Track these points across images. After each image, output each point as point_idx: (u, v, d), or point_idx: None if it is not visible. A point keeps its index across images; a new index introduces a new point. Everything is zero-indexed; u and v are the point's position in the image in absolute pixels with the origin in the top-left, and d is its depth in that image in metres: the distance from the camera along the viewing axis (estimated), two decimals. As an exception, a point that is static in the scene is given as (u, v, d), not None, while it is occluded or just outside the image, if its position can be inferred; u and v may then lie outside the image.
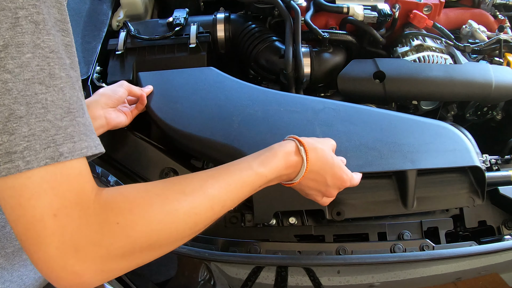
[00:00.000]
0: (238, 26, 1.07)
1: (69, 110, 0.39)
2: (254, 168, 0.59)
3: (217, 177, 0.55)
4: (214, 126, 0.82)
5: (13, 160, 0.36)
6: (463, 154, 0.80)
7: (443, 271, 0.77)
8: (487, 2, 1.21)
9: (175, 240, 0.49)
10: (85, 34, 1.03)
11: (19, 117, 0.36)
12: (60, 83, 0.39)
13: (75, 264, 0.39)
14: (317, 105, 0.85)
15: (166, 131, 0.83)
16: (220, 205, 0.54)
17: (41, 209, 0.38)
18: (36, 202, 0.38)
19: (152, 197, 0.47)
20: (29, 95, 0.37)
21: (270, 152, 0.62)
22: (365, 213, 0.79)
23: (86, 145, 0.41)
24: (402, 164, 0.77)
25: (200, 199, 0.51)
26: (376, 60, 0.97)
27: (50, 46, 0.38)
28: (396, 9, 1.05)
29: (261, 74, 1.07)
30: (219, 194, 0.54)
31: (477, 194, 0.82)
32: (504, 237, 0.81)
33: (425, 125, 0.84)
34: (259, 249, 0.76)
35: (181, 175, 0.52)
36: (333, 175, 0.68)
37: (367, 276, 0.76)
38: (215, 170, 0.57)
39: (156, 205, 0.47)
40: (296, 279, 0.76)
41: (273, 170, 0.61)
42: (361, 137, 0.79)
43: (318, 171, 0.67)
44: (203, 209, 0.51)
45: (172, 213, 0.48)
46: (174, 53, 0.99)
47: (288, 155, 0.63)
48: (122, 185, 0.75)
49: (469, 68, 0.97)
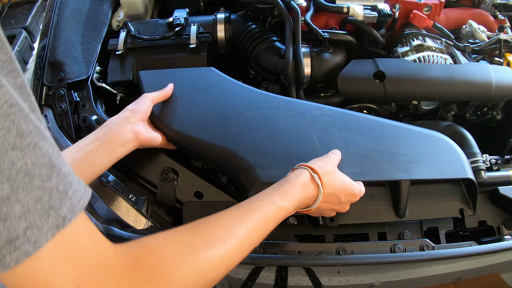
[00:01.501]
0: (238, 26, 1.07)
1: (51, 165, 0.34)
2: (276, 203, 0.60)
3: (243, 216, 0.55)
4: (212, 129, 0.82)
5: (18, 247, 0.32)
6: (456, 166, 0.81)
7: (443, 271, 0.77)
8: (487, 2, 1.21)
9: (210, 285, 0.49)
10: (85, 34, 1.03)
11: (6, 198, 0.31)
12: (32, 139, 0.33)
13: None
14: (315, 111, 0.86)
15: (164, 131, 0.84)
16: (249, 245, 0.55)
17: (63, 286, 0.34)
18: (55, 281, 0.34)
19: (181, 248, 0.46)
20: (6, 168, 0.31)
21: (289, 183, 0.64)
22: (358, 219, 0.80)
23: (80, 195, 0.37)
24: (396, 174, 0.78)
25: (230, 243, 0.51)
26: (376, 60, 0.97)
27: (8, 100, 0.31)
28: (396, 9, 1.05)
29: (261, 74, 1.07)
30: (247, 234, 0.54)
31: (469, 205, 0.83)
32: (504, 237, 0.81)
33: (421, 135, 0.85)
34: (259, 249, 0.76)
35: (204, 217, 0.53)
36: (346, 192, 0.71)
37: (367, 276, 0.76)
38: (240, 209, 0.57)
39: (188, 256, 0.45)
40: (296, 279, 0.76)
41: (293, 201, 0.63)
42: (357, 146, 0.81)
43: (333, 193, 0.69)
44: (234, 252, 0.52)
45: (205, 262, 0.47)
46: (174, 53, 0.99)
47: (305, 185, 0.65)
48: (140, 237, 0.74)
49: (469, 68, 0.97)
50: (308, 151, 0.80)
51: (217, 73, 0.92)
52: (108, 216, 0.81)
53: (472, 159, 0.88)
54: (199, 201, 0.82)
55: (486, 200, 0.88)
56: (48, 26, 1.03)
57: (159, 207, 0.85)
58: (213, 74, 0.91)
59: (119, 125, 0.75)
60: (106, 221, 0.80)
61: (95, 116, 0.91)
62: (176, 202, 0.83)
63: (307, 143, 0.81)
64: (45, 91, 0.97)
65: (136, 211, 0.81)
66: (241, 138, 0.80)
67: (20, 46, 2.55)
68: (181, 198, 0.83)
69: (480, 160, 0.88)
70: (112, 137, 0.73)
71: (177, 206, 0.83)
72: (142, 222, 0.81)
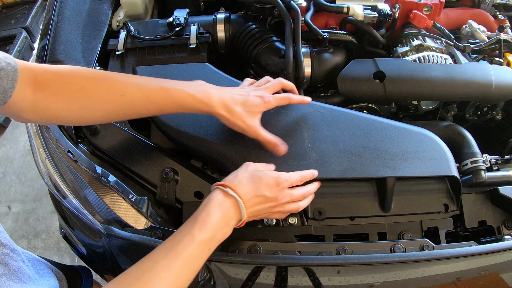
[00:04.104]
0: (238, 26, 1.07)
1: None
2: (197, 238, 0.59)
3: (167, 266, 0.56)
4: (204, 124, 0.83)
5: None
6: (442, 164, 0.83)
7: (443, 271, 0.77)
8: (487, 2, 1.21)
9: None
10: (85, 34, 1.03)
11: None
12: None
13: None
14: (306, 108, 0.87)
15: (162, 128, 0.84)
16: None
17: None
18: None
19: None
20: None
21: (204, 211, 0.63)
22: (345, 213, 0.82)
23: None
24: (382, 171, 0.80)
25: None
26: (376, 60, 0.97)
27: None
28: (396, 9, 1.05)
29: (261, 75, 1.06)
30: (175, 281, 0.56)
31: (453, 201, 0.85)
32: (504, 237, 0.81)
33: (408, 133, 0.86)
34: (259, 249, 0.76)
35: (127, 272, 0.56)
36: (267, 185, 0.69)
37: (367, 276, 0.76)
38: (161, 256, 0.57)
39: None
40: (296, 279, 0.76)
41: (216, 226, 0.62)
42: (346, 143, 0.82)
43: (255, 193, 0.68)
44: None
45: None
46: (174, 54, 0.99)
47: (221, 204, 0.64)
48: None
49: (469, 68, 0.97)
50: (298, 147, 0.81)
51: (211, 68, 0.93)
52: (108, 216, 0.81)
53: (472, 159, 0.88)
54: (199, 201, 0.82)
55: (486, 200, 0.88)
56: (48, 26, 1.03)
57: (159, 207, 0.85)
58: (206, 70, 0.93)
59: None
60: (106, 221, 0.80)
61: (95, 116, 0.91)
62: (176, 202, 0.83)
63: (297, 140, 0.82)
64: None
65: (136, 211, 0.81)
66: (233, 136, 0.81)
67: (20, 46, 2.55)
68: (181, 198, 0.83)
69: (480, 160, 0.88)
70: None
71: (177, 206, 0.83)
72: (142, 222, 0.81)
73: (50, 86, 0.64)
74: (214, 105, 0.72)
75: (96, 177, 0.85)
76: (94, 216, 0.82)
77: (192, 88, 0.72)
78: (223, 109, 0.73)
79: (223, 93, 0.75)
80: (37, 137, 0.94)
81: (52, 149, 0.90)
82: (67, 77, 0.65)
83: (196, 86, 0.73)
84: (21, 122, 0.69)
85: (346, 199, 0.81)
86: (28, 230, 2.08)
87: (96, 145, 0.90)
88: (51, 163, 0.90)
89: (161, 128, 0.87)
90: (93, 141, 0.90)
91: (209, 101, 0.72)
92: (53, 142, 0.90)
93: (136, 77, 0.71)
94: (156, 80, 0.72)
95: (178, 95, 0.70)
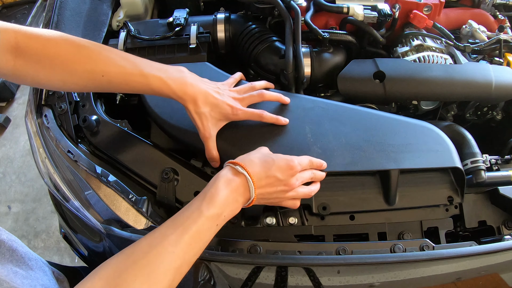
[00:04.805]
0: (238, 26, 1.07)
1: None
2: (205, 213, 0.60)
3: (176, 240, 0.56)
4: None
5: None
6: (445, 155, 0.82)
7: (443, 271, 0.77)
8: (487, 2, 1.21)
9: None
10: (85, 34, 1.03)
11: None
12: None
13: None
14: (308, 104, 0.88)
15: (162, 125, 0.84)
16: (187, 264, 0.58)
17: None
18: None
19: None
20: None
21: (213, 187, 0.63)
22: (350, 208, 0.82)
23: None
24: (385, 164, 0.80)
25: (170, 275, 0.55)
26: (376, 60, 0.97)
27: None
28: (396, 9, 1.05)
29: (261, 74, 1.07)
30: (183, 256, 0.57)
31: (457, 193, 0.84)
32: (504, 237, 0.81)
33: (410, 126, 0.86)
34: (259, 249, 0.76)
35: (137, 244, 0.58)
36: (279, 167, 0.69)
37: (367, 276, 0.76)
38: (170, 231, 0.58)
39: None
40: (296, 279, 0.76)
41: (223, 203, 0.62)
42: (348, 137, 0.82)
43: (266, 174, 0.68)
44: (175, 281, 0.55)
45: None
46: (174, 54, 0.99)
47: (229, 181, 0.64)
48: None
49: (469, 68, 0.97)
50: (301, 142, 0.81)
51: (211, 67, 0.94)
52: (108, 216, 0.81)
53: (472, 159, 0.88)
54: (199, 201, 0.82)
55: (486, 200, 0.88)
56: (48, 26, 1.03)
57: (159, 207, 0.85)
58: (207, 69, 0.93)
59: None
60: (106, 221, 0.80)
61: (95, 116, 0.91)
62: (176, 202, 0.83)
63: (300, 134, 0.82)
64: (45, 91, 0.98)
65: (136, 211, 0.81)
66: (234, 132, 0.82)
67: (20, 46, 2.54)
68: (181, 198, 0.83)
69: (480, 160, 0.88)
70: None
71: (177, 206, 0.83)
72: (142, 222, 0.81)
73: (32, 57, 0.64)
74: (186, 98, 0.75)
75: (96, 177, 0.85)
76: (94, 216, 0.82)
77: (170, 77, 0.74)
78: (192, 103, 0.75)
79: (199, 88, 0.76)
80: (37, 137, 0.94)
81: (52, 149, 0.90)
82: (51, 47, 0.66)
83: (176, 73, 0.75)
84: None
85: (350, 194, 0.81)
86: (28, 230, 2.08)
87: (96, 145, 0.90)
88: (51, 163, 0.90)
89: (161, 126, 0.87)
90: (93, 141, 0.90)
91: (182, 93, 0.74)
92: (53, 142, 0.90)
93: (119, 56, 0.71)
94: (139, 62, 0.73)
95: (155, 83, 0.72)
